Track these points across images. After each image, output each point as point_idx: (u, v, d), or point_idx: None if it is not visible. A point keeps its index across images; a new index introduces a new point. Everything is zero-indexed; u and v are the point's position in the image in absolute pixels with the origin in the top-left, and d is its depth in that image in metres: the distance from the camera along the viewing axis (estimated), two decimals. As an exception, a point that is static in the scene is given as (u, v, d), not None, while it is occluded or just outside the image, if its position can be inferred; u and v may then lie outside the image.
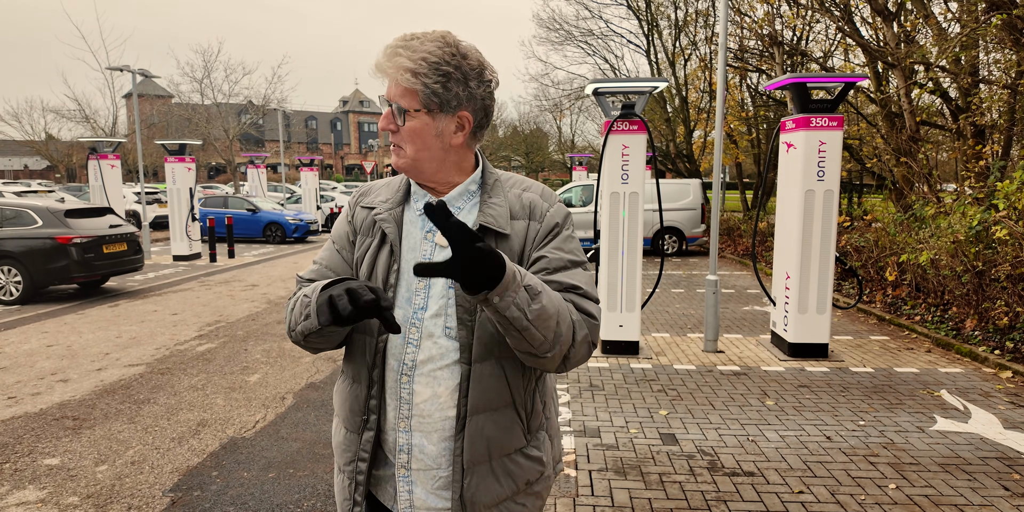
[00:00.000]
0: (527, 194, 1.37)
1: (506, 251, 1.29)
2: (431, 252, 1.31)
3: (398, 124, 1.25)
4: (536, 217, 1.33)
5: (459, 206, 1.34)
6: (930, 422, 4.30)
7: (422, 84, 1.21)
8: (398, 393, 1.30)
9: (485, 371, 1.27)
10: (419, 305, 1.29)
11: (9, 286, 8.48)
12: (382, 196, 1.40)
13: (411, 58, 1.20)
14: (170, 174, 13.14)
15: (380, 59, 1.23)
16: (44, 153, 38.77)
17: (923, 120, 10.84)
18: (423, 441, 1.30)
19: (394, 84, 1.23)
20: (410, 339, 1.29)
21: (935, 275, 7.08)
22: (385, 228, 1.33)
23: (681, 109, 20.47)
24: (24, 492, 3.40)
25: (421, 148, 1.26)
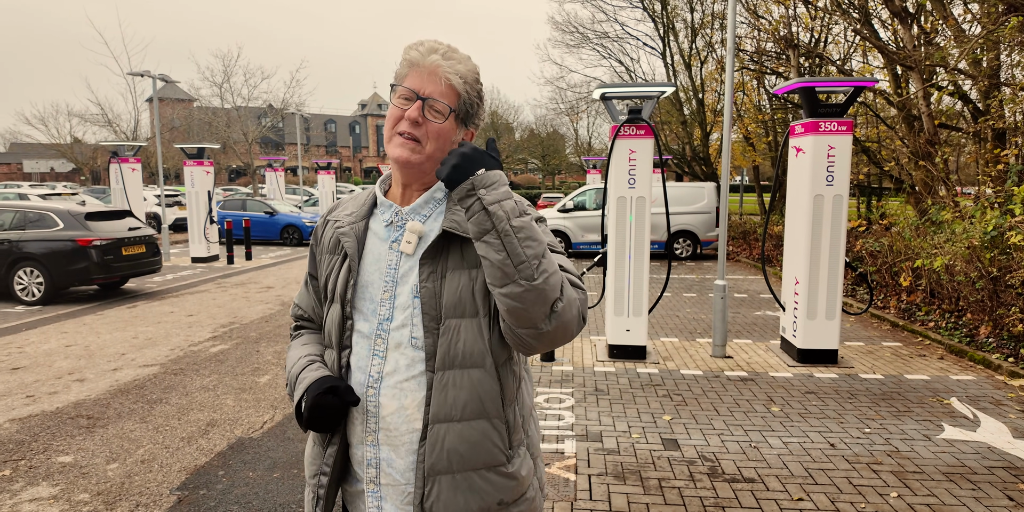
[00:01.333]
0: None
1: (469, 256, 1.27)
2: (397, 261, 1.31)
3: (435, 121, 1.27)
4: None
5: (425, 214, 1.34)
6: (937, 430, 4.25)
7: (465, 92, 1.29)
8: (364, 406, 1.29)
9: (449, 380, 1.25)
10: (384, 316, 1.29)
11: (31, 287, 8.69)
12: (348, 210, 1.41)
13: (465, 67, 1.29)
14: (189, 177, 13.37)
15: (434, 57, 1.26)
16: (69, 156, 39.60)
17: (942, 123, 10.69)
18: (391, 455, 1.28)
19: (442, 82, 1.26)
20: (376, 351, 1.29)
21: (950, 281, 6.99)
22: (344, 242, 1.34)
23: (698, 112, 20.38)
24: (37, 488, 3.49)
25: (438, 149, 1.29)
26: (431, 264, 1.27)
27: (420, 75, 1.26)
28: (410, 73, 1.28)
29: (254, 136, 28.26)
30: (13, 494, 3.43)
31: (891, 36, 11.64)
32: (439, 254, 1.28)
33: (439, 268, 1.27)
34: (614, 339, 5.99)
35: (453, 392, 1.25)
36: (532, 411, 1.45)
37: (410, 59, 1.28)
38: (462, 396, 1.25)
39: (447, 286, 1.26)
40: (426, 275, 1.27)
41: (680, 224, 13.69)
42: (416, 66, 1.27)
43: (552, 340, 1.21)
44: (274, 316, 8.00)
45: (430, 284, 1.26)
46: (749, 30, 15.57)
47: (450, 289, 1.26)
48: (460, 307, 1.26)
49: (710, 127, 20.69)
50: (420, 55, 1.27)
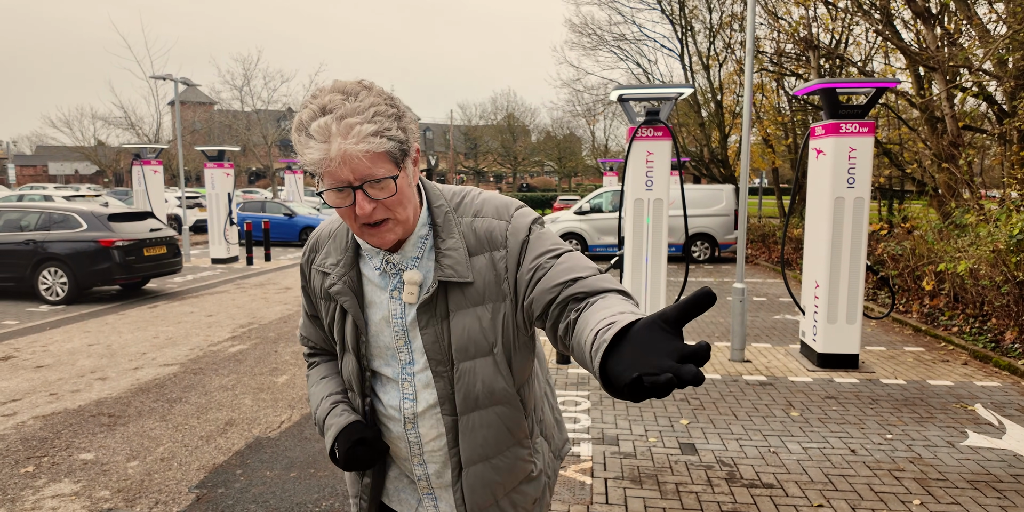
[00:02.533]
0: (479, 221, 1.23)
1: (471, 295, 1.20)
2: (401, 311, 1.24)
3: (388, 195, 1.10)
4: (498, 245, 1.21)
5: (416, 256, 1.23)
6: (961, 437, 4.17)
7: (388, 141, 1.07)
8: (406, 438, 1.30)
9: (475, 422, 1.25)
10: (405, 361, 1.27)
11: (55, 287, 8.84)
12: (332, 258, 1.29)
13: (368, 118, 1.05)
14: (209, 179, 13.53)
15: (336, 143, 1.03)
16: (93, 158, 40.30)
17: (966, 124, 10.52)
18: (440, 469, 1.32)
19: (364, 159, 1.05)
20: (406, 394, 1.28)
21: (974, 285, 6.86)
22: (343, 302, 1.25)
23: (716, 114, 20.24)
24: (60, 485, 3.55)
25: (409, 205, 1.16)
26: (428, 309, 1.21)
27: (336, 168, 1.05)
28: (324, 172, 1.07)
29: (273, 139, 28.55)
30: (36, 490, 3.48)
31: (913, 37, 11.48)
32: (435, 298, 1.21)
33: (438, 311, 1.21)
34: (631, 342, 5.94)
35: (482, 433, 1.25)
36: (545, 393, 1.46)
37: (313, 160, 1.06)
38: (492, 434, 1.26)
39: (453, 329, 1.20)
40: (425, 322, 1.21)
41: (698, 227, 13.59)
42: (322, 166, 1.06)
43: None
44: (292, 317, 8.06)
45: (430, 330, 1.21)
46: (768, 31, 15.43)
47: (457, 331, 1.20)
48: (471, 348, 1.21)
49: (728, 129, 20.54)
50: (319, 151, 1.04)
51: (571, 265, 1.14)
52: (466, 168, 56.97)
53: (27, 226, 9.02)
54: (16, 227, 9.05)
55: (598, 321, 0.94)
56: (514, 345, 1.24)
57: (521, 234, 1.22)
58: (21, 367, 5.83)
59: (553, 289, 1.11)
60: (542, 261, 1.17)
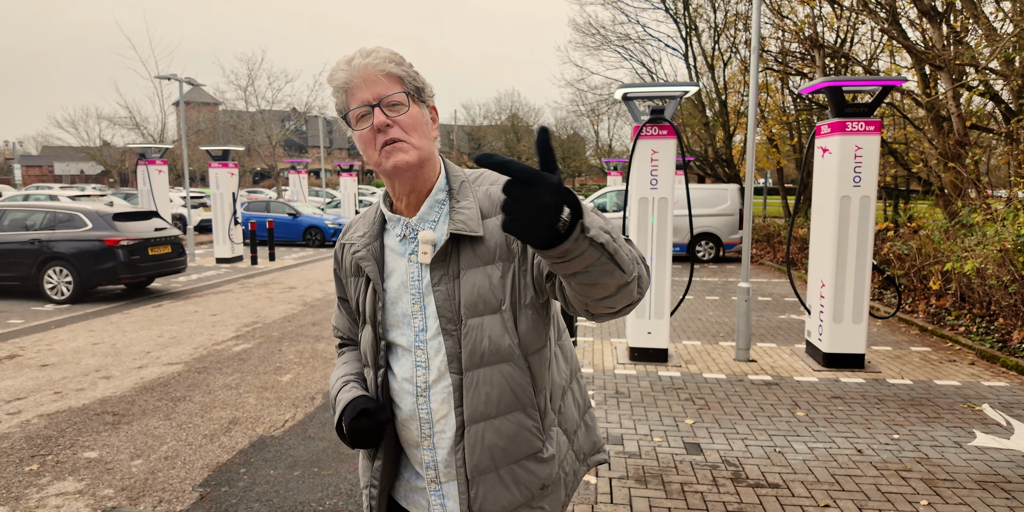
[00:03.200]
0: (494, 187, 1.30)
1: (482, 253, 1.25)
2: (418, 273, 1.29)
3: (401, 114, 1.23)
4: None
5: (433, 220, 1.30)
6: (969, 437, 4.14)
7: (404, 71, 1.24)
8: (417, 415, 1.31)
9: (480, 378, 1.25)
10: (419, 327, 1.29)
11: (60, 286, 8.86)
12: (359, 231, 1.39)
13: (388, 53, 1.24)
14: (214, 179, 13.56)
15: (356, 62, 1.21)
16: (99, 158, 40.43)
17: (972, 124, 10.45)
18: (447, 457, 1.30)
19: (380, 77, 1.21)
20: (419, 362, 1.30)
21: (981, 285, 6.82)
22: (364, 266, 1.33)
23: (721, 113, 20.19)
24: (64, 483, 3.55)
25: (423, 136, 1.25)
26: (441, 266, 1.25)
27: (359, 88, 1.22)
28: (349, 96, 1.23)
29: (278, 139, 28.61)
30: (40, 488, 3.48)
31: (919, 35, 11.42)
32: (448, 255, 1.25)
33: (451, 269, 1.25)
34: (635, 342, 5.93)
35: (485, 389, 1.25)
36: (569, 386, 1.44)
37: (339, 84, 1.23)
38: (495, 392, 1.25)
39: (463, 286, 1.24)
40: (437, 278, 1.25)
41: (703, 226, 13.56)
42: (348, 84, 1.22)
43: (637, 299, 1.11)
44: (296, 316, 8.07)
45: (443, 287, 1.25)
46: (773, 30, 15.37)
47: (467, 288, 1.24)
48: (480, 305, 1.24)
49: (733, 129, 20.48)
50: (346, 73, 1.22)
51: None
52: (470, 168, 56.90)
53: (32, 225, 9.05)
54: (21, 226, 9.08)
55: None
56: (522, 305, 1.26)
57: None
58: (26, 366, 5.85)
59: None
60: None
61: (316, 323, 7.66)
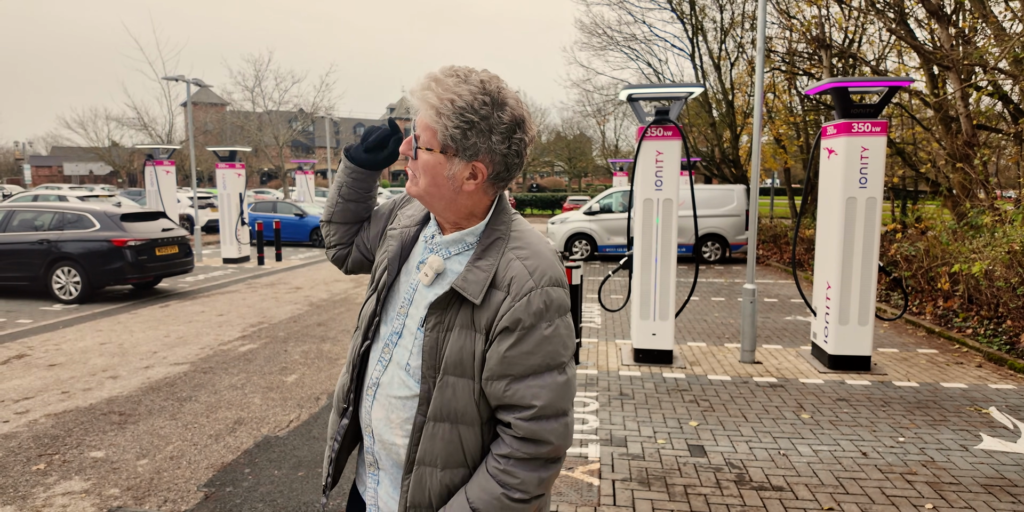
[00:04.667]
0: (518, 263, 1.23)
1: (478, 316, 1.23)
2: (417, 283, 1.33)
3: (415, 156, 1.26)
4: (513, 294, 1.21)
5: (451, 251, 1.32)
6: (975, 440, 4.12)
7: (443, 125, 1.18)
8: (365, 402, 1.36)
9: (440, 432, 1.25)
10: (396, 330, 1.33)
11: (68, 286, 8.92)
12: (411, 211, 1.46)
13: (439, 96, 1.17)
14: (221, 180, 13.62)
15: (414, 87, 1.22)
16: (107, 159, 40.70)
17: (981, 124, 10.39)
18: (381, 451, 1.35)
19: (420, 115, 1.22)
20: (382, 357, 1.34)
21: (989, 286, 6.78)
22: (388, 246, 1.39)
23: (727, 113, 20.13)
24: (70, 482, 3.57)
25: (432, 184, 1.24)
26: (440, 314, 1.25)
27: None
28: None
29: (285, 139, 28.70)
30: (47, 487, 3.51)
31: (927, 35, 11.36)
32: (450, 306, 1.24)
33: (447, 320, 1.24)
34: (640, 343, 5.92)
35: (441, 444, 1.25)
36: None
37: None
38: (448, 448, 1.25)
39: (451, 343, 1.23)
40: (432, 324, 1.25)
41: (708, 227, 13.52)
42: (411, 98, 1.25)
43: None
44: (302, 316, 8.09)
45: (434, 334, 1.25)
46: (780, 31, 15.33)
47: (454, 347, 1.23)
48: (460, 367, 1.23)
49: (740, 129, 20.42)
50: (413, 86, 1.23)
51: (534, 393, 1.19)
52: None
53: (41, 226, 9.12)
54: (30, 227, 9.15)
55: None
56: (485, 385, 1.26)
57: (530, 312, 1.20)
58: (34, 365, 5.89)
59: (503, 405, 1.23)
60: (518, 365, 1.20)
61: (322, 323, 7.69)
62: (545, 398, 1.19)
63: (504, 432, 1.23)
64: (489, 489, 1.20)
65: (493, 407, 1.25)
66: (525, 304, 1.19)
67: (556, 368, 1.22)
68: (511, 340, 1.19)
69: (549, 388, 1.20)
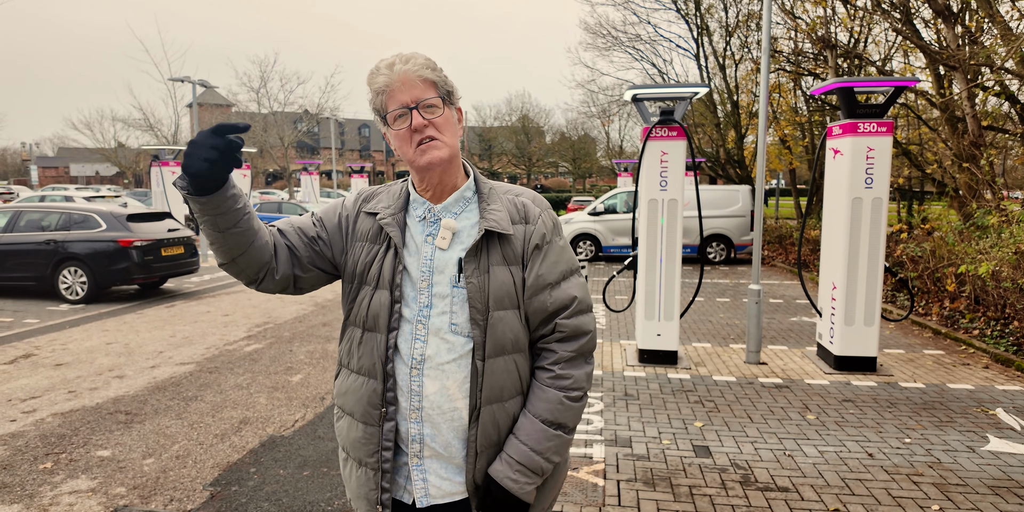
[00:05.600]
0: (520, 198, 1.48)
1: (509, 250, 1.41)
2: (431, 253, 1.41)
3: (436, 116, 1.36)
4: (531, 220, 1.44)
5: (455, 212, 1.45)
6: (982, 442, 4.10)
7: (437, 76, 1.37)
8: (409, 386, 1.39)
9: (498, 366, 1.38)
10: (424, 303, 1.39)
11: (75, 286, 8.96)
12: (384, 202, 1.49)
13: (424, 60, 1.38)
14: (226, 180, 13.65)
15: (397, 67, 1.34)
16: (113, 160, 40.86)
17: (988, 124, 10.34)
18: (432, 431, 1.39)
19: (418, 82, 1.35)
20: (417, 335, 1.39)
21: (995, 287, 6.75)
22: (391, 232, 1.42)
23: (732, 114, 20.09)
24: (77, 481, 3.59)
25: (453, 135, 1.39)
26: (474, 260, 1.37)
27: (398, 91, 1.34)
28: (388, 98, 1.36)
29: (290, 140, 28.77)
30: (54, 486, 3.53)
31: (934, 36, 11.32)
32: (480, 251, 1.38)
33: (482, 263, 1.38)
34: (644, 344, 5.92)
35: (501, 377, 1.38)
36: None
37: (379, 86, 1.35)
38: (508, 378, 1.40)
39: (492, 281, 1.37)
40: (471, 271, 1.37)
41: (713, 228, 13.50)
42: (388, 87, 1.35)
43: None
44: (307, 316, 8.11)
45: (475, 280, 1.36)
46: (785, 31, 15.29)
47: (496, 284, 1.37)
48: (506, 300, 1.38)
49: (745, 129, 20.38)
50: (386, 77, 1.34)
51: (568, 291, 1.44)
52: (480, 169, 56.96)
53: (48, 226, 9.16)
54: (37, 227, 9.19)
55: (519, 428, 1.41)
56: (524, 305, 1.43)
57: (548, 227, 1.46)
58: (41, 365, 5.92)
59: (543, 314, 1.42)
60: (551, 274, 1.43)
61: (327, 323, 7.70)
62: (579, 292, 1.44)
63: (548, 341, 1.42)
64: (548, 398, 1.39)
65: (538, 322, 1.42)
66: (543, 224, 1.44)
67: (575, 271, 1.47)
68: (541, 256, 1.42)
69: (578, 285, 1.45)
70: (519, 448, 1.38)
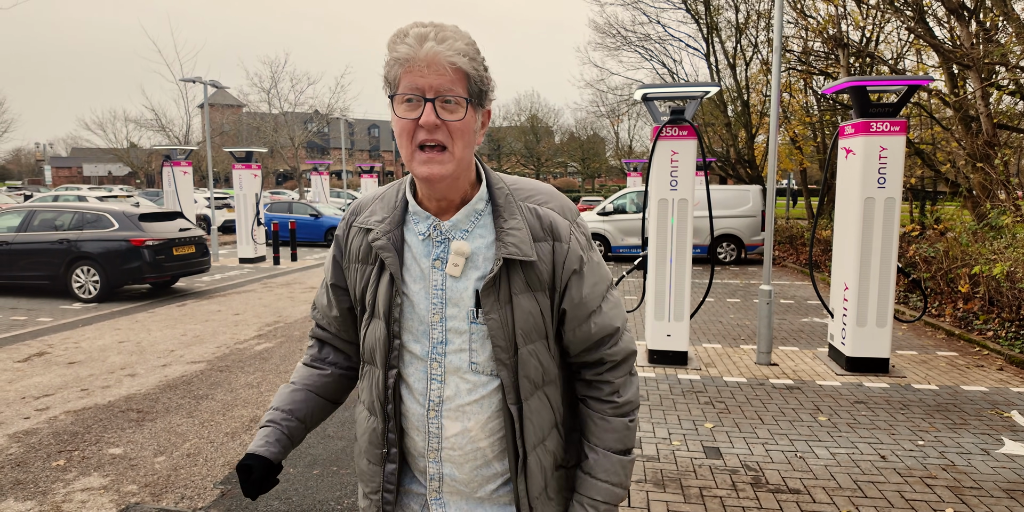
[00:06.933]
0: (545, 210, 1.22)
1: (533, 275, 1.19)
2: (441, 282, 1.19)
3: (454, 119, 1.09)
4: (562, 238, 1.22)
5: (466, 229, 1.20)
6: (997, 444, 4.05)
7: (473, 69, 1.09)
8: (427, 427, 1.24)
9: (534, 406, 1.23)
10: (437, 339, 1.20)
11: (88, 285, 9.04)
12: (377, 215, 1.24)
13: (464, 41, 1.08)
14: (237, 180, 13.74)
15: (429, 45, 1.05)
16: (126, 160, 41.19)
17: (1002, 123, 10.24)
18: (454, 471, 1.26)
19: (447, 70, 1.07)
20: (433, 375, 1.22)
21: (1010, 288, 6.67)
22: (384, 257, 1.20)
23: (743, 113, 19.99)
24: (89, 478, 3.62)
25: (468, 145, 1.13)
26: (492, 292, 1.16)
27: (419, 71, 1.07)
28: (405, 73, 1.08)
29: (300, 141, 28.89)
30: (66, 483, 3.56)
31: (947, 34, 11.21)
32: (499, 280, 1.17)
33: (502, 294, 1.17)
34: (654, 344, 5.89)
35: (539, 417, 1.24)
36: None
37: (400, 56, 1.07)
38: (546, 417, 1.26)
39: (518, 313, 1.18)
40: (490, 305, 1.16)
41: (724, 228, 13.43)
42: (410, 62, 1.07)
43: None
44: (316, 316, 8.13)
45: (496, 315, 1.17)
46: (796, 30, 15.19)
47: (521, 315, 1.18)
48: (534, 333, 1.21)
49: (755, 129, 20.27)
50: (411, 48, 1.06)
51: (611, 316, 1.27)
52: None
53: (61, 226, 9.25)
54: (51, 227, 9.28)
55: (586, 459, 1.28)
56: (553, 332, 1.27)
57: (583, 245, 1.25)
58: (54, 363, 5.97)
59: (588, 343, 1.26)
60: (593, 298, 1.25)
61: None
62: (619, 316, 1.29)
63: (600, 373, 1.27)
64: (615, 428, 1.26)
65: (580, 350, 1.27)
66: (576, 243, 1.23)
67: (610, 284, 1.29)
68: (581, 279, 1.23)
69: (615, 304, 1.28)
70: (601, 488, 1.25)
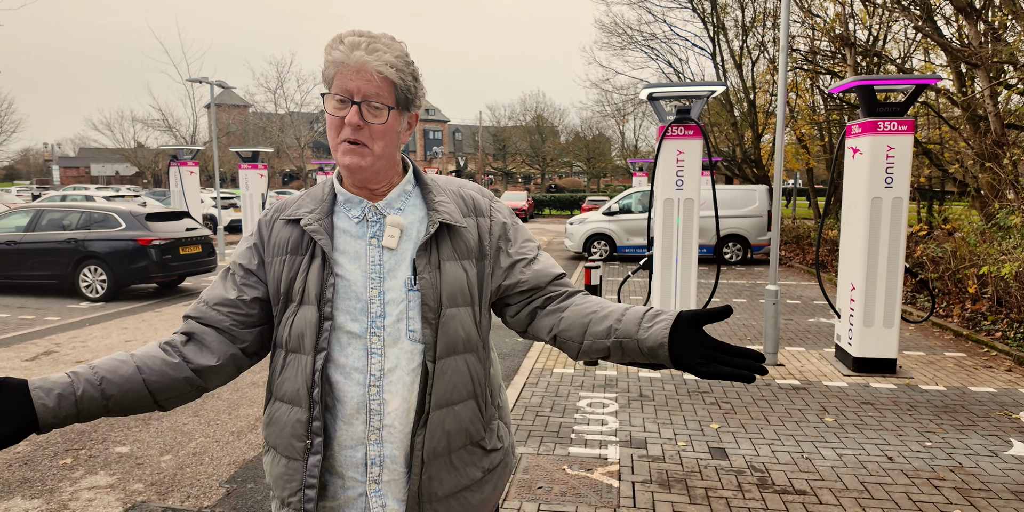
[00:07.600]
0: (466, 191, 1.40)
1: (460, 244, 1.32)
2: (379, 257, 1.28)
3: (376, 121, 1.21)
4: (483, 213, 1.38)
5: (399, 207, 1.32)
6: (1005, 446, 4.02)
7: (400, 79, 1.22)
8: (367, 406, 1.24)
9: (449, 367, 1.27)
10: (376, 313, 1.25)
11: (95, 284, 9.08)
12: (306, 207, 1.33)
13: (393, 53, 1.21)
14: (244, 180, 13.78)
15: (358, 54, 1.18)
16: (133, 160, 41.42)
17: (1011, 123, 10.17)
18: (394, 451, 1.26)
19: (374, 77, 1.19)
20: (373, 350, 1.24)
21: (1019, 289, 6.62)
22: (317, 238, 1.26)
23: (749, 113, 19.93)
24: (96, 477, 3.63)
25: (387, 145, 1.25)
26: (425, 256, 1.28)
27: (349, 75, 1.19)
28: (337, 75, 1.20)
29: (306, 141, 28.99)
30: (73, 482, 3.57)
31: (955, 33, 11.14)
32: (431, 245, 1.29)
33: (432, 259, 1.28)
34: (660, 344, 5.87)
35: (452, 378, 1.28)
36: (501, 383, 1.52)
37: (334, 60, 1.20)
38: (459, 380, 1.29)
39: (445, 277, 1.28)
40: (423, 266, 1.27)
41: (730, 228, 13.39)
42: (342, 65, 1.19)
43: None
44: (322, 316, 8.15)
45: (427, 275, 1.26)
46: (803, 29, 15.14)
47: (448, 279, 1.28)
48: (459, 297, 1.29)
49: (762, 128, 20.20)
50: (343, 54, 1.18)
51: (552, 262, 1.42)
52: (495, 169, 57.09)
53: (69, 225, 9.29)
54: (59, 226, 9.33)
55: (625, 309, 1.26)
56: (483, 303, 1.37)
57: (505, 215, 1.42)
58: (62, 362, 6.00)
59: (546, 280, 1.37)
60: (529, 249, 1.40)
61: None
62: (559, 267, 1.43)
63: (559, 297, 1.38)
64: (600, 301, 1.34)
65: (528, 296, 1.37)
66: (499, 214, 1.41)
67: (539, 246, 1.45)
68: (510, 240, 1.39)
69: (549, 258, 1.44)
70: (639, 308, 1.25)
